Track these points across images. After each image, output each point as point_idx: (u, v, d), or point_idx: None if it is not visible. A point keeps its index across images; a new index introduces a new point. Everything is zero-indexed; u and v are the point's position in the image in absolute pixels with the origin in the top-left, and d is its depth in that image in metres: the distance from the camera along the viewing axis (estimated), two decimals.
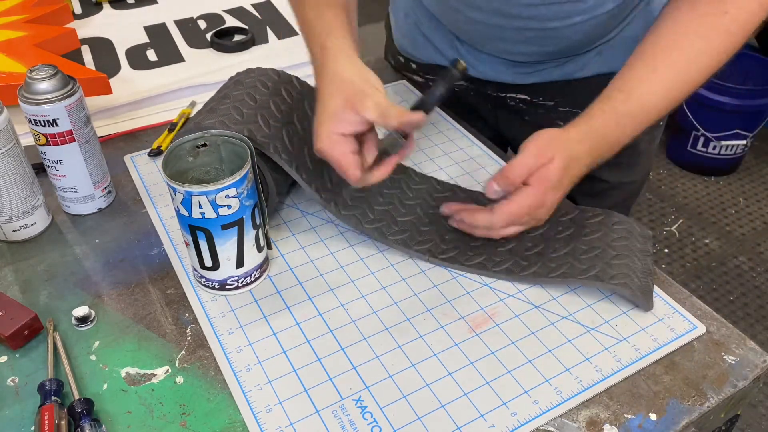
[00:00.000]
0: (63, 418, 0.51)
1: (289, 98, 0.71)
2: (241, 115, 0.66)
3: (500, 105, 0.93)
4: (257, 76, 0.72)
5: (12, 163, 0.66)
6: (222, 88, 0.73)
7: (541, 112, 0.91)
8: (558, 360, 0.58)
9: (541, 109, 0.91)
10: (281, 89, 0.71)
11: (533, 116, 0.92)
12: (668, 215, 2.12)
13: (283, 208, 0.74)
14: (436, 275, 0.66)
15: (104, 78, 0.89)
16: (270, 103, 0.69)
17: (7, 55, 0.92)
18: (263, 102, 0.69)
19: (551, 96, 0.89)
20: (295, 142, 0.68)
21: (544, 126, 0.81)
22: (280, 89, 0.71)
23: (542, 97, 0.90)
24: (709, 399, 0.56)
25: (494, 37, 0.82)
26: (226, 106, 0.68)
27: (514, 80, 0.89)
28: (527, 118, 0.93)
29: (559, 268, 0.64)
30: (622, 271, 0.63)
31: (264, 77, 0.72)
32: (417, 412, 0.54)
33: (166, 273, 0.67)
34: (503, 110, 0.94)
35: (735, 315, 1.79)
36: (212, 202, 0.57)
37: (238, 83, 0.72)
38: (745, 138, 2.14)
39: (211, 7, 1.18)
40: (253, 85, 0.71)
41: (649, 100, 0.67)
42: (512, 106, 0.92)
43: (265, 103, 0.69)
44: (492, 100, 0.93)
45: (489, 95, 0.93)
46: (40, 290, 0.65)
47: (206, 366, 0.58)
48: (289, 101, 0.71)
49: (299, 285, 0.65)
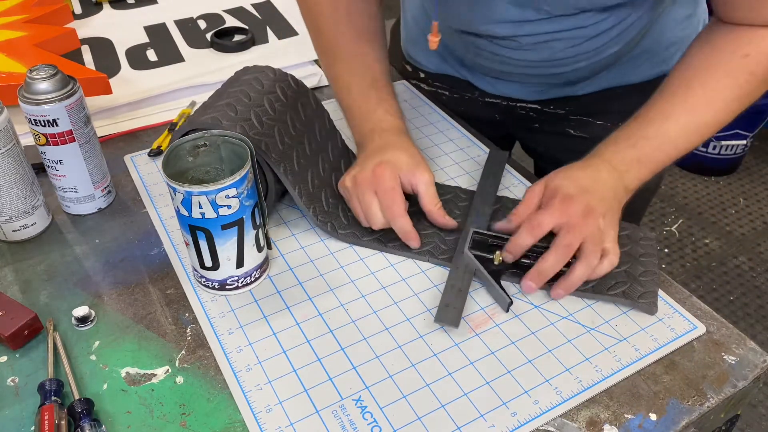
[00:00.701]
0: (63, 418, 0.51)
1: (283, 97, 0.71)
2: (235, 112, 0.66)
3: (510, 114, 0.93)
4: (254, 73, 0.72)
5: (12, 163, 0.66)
6: (222, 87, 0.73)
7: (552, 120, 0.91)
8: (558, 360, 0.58)
9: (552, 117, 0.91)
10: (275, 87, 0.71)
11: (543, 123, 0.92)
12: (668, 215, 2.12)
13: (283, 208, 0.74)
14: (436, 275, 0.66)
15: (104, 78, 0.89)
16: (264, 101, 0.69)
17: (7, 55, 0.92)
18: (257, 100, 0.69)
19: (562, 105, 0.89)
20: (286, 141, 0.68)
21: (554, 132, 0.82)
22: (274, 88, 0.71)
23: (552, 106, 0.89)
24: (709, 399, 0.56)
25: (504, 72, 0.84)
26: (221, 104, 0.68)
27: (526, 96, 0.89)
28: (537, 125, 0.93)
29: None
30: (621, 279, 0.64)
31: (260, 75, 0.72)
32: (417, 412, 0.54)
33: (166, 273, 0.67)
34: (513, 118, 0.93)
35: (735, 315, 1.79)
36: (212, 202, 0.57)
37: (235, 81, 0.72)
38: (745, 138, 2.14)
39: (211, 7, 1.18)
40: (248, 82, 0.71)
41: (671, 134, 0.66)
42: (523, 114, 0.92)
43: (259, 101, 0.69)
44: (501, 109, 0.93)
45: (498, 105, 0.92)
46: (40, 290, 0.65)
47: (206, 366, 0.58)
48: (284, 99, 0.71)
49: (299, 285, 0.65)
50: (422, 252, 0.67)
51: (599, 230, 0.62)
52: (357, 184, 0.67)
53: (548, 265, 0.61)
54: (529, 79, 0.85)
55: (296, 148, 0.69)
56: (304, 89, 0.74)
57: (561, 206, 0.62)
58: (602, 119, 0.88)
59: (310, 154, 0.71)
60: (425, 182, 0.67)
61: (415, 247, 0.67)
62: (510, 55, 0.79)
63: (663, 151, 0.66)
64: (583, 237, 0.61)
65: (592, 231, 0.61)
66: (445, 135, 0.86)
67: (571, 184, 0.64)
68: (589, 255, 0.61)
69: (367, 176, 0.66)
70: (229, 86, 0.71)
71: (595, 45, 0.76)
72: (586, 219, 0.61)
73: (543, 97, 0.88)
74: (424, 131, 0.86)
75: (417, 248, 0.67)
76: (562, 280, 0.62)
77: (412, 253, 0.67)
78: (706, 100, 0.66)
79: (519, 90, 0.88)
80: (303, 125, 0.71)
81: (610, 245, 0.63)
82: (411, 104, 0.92)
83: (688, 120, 0.66)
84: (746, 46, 0.65)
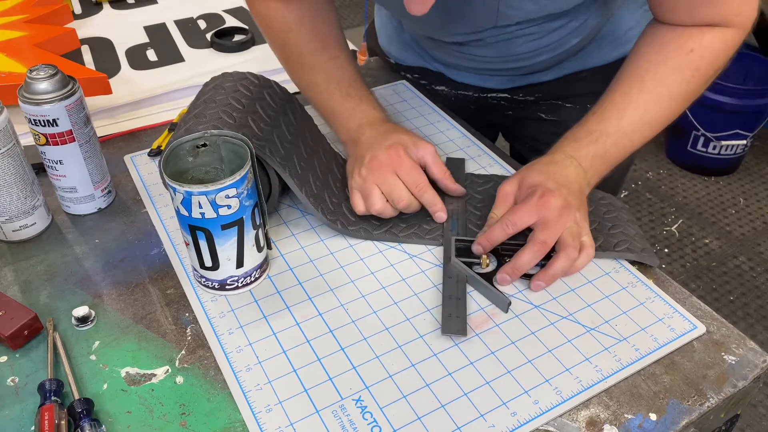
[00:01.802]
0: (63, 418, 0.51)
1: (273, 102, 0.71)
2: (233, 120, 0.66)
3: (482, 104, 0.95)
4: (237, 80, 0.72)
5: (12, 163, 0.66)
6: (201, 94, 0.72)
7: (522, 106, 0.94)
8: (558, 360, 0.58)
9: (523, 104, 0.94)
10: (264, 94, 0.71)
11: (516, 110, 0.95)
12: (668, 215, 2.12)
13: (284, 208, 0.74)
14: (435, 275, 0.66)
15: (104, 78, 0.89)
16: (257, 107, 0.69)
17: (7, 55, 0.92)
18: (250, 106, 0.69)
19: (531, 93, 0.92)
20: (285, 146, 0.68)
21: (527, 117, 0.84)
22: (263, 94, 0.71)
23: (521, 93, 0.92)
24: (709, 399, 0.56)
25: (469, 68, 0.89)
26: (214, 111, 0.67)
27: (496, 86, 0.92)
28: (510, 113, 0.96)
29: None
30: (621, 239, 0.67)
31: (245, 81, 0.72)
32: (417, 412, 0.54)
33: (166, 273, 0.67)
34: (485, 107, 0.96)
35: (735, 315, 1.79)
36: (212, 202, 0.57)
37: (219, 88, 0.71)
38: (745, 138, 2.14)
39: (211, 7, 1.18)
40: (235, 89, 0.70)
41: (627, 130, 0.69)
42: (495, 104, 0.95)
43: (252, 107, 0.69)
44: (473, 101, 0.95)
45: (470, 97, 0.95)
46: (40, 290, 0.65)
47: (206, 366, 0.58)
48: (274, 105, 0.71)
49: (299, 285, 0.65)
50: (435, 238, 0.69)
51: (576, 224, 0.64)
52: (373, 170, 0.68)
53: (524, 261, 0.63)
54: (496, 72, 0.89)
55: (294, 152, 0.69)
56: (288, 95, 0.75)
57: (539, 202, 0.63)
58: (571, 102, 0.92)
59: (307, 157, 0.71)
60: (431, 153, 0.70)
61: (443, 220, 0.69)
62: (475, 53, 0.83)
63: (621, 146, 0.69)
64: (560, 232, 0.63)
65: (570, 225, 0.63)
66: (446, 135, 0.86)
67: (548, 179, 0.65)
68: (568, 248, 0.63)
69: (382, 160, 0.68)
70: (215, 93, 0.70)
71: (556, 38, 0.80)
72: (563, 214, 0.63)
73: (511, 86, 0.91)
74: (424, 131, 0.86)
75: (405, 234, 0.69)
76: (542, 273, 0.63)
77: (425, 240, 0.69)
78: (657, 96, 0.68)
79: (488, 81, 0.92)
80: (296, 129, 0.72)
81: (586, 239, 0.65)
82: (411, 104, 0.92)
83: (642, 116, 0.69)
84: (690, 41, 0.68)
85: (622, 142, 0.69)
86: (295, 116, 0.73)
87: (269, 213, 0.71)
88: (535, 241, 0.62)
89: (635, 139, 0.69)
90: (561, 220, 0.63)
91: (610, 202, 0.73)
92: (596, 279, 0.65)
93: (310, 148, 0.73)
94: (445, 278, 0.64)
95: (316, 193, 0.70)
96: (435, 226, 0.70)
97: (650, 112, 0.69)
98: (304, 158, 0.70)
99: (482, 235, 0.65)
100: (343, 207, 0.72)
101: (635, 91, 0.69)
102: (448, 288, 0.63)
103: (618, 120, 0.68)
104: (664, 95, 0.68)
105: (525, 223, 0.64)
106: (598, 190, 0.74)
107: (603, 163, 0.69)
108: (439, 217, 0.69)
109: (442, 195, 0.72)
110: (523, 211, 0.64)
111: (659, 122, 0.70)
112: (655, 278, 0.66)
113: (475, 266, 0.65)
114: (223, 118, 0.66)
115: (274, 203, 0.70)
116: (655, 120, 0.69)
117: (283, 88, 0.75)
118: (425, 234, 0.69)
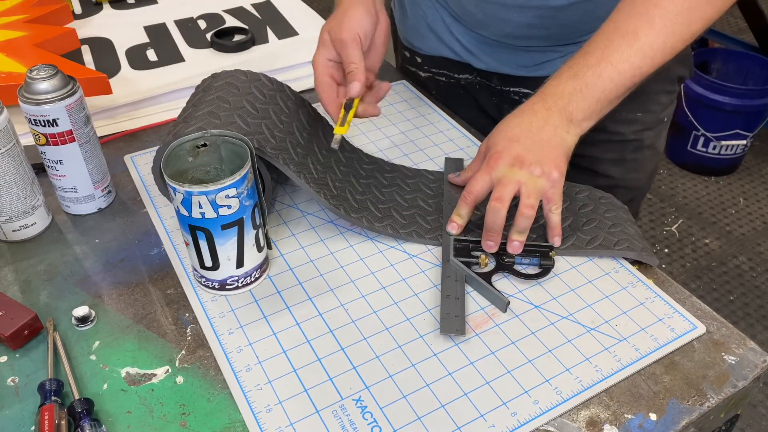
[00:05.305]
0: (63, 418, 0.51)
1: (261, 95, 0.71)
2: (219, 119, 0.65)
3: (505, 99, 0.94)
4: (225, 78, 0.71)
5: (12, 163, 0.66)
6: (193, 96, 0.72)
7: None
8: (558, 360, 0.58)
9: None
10: (251, 88, 0.71)
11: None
12: (668, 215, 2.12)
13: (283, 208, 0.74)
14: (436, 275, 0.66)
15: (104, 78, 0.89)
16: (244, 102, 0.68)
17: (7, 55, 0.92)
18: (237, 103, 0.68)
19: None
20: (277, 135, 0.67)
21: None
22: (250, 88, 0.71)
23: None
24: (709, 399, 0.56)
25: (497, 18, 0.83)
26: (202, 113, 0.66)
27: (518, 73, 0.89)
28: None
29: (568, 240, 0.68)
30: (622, 237, 0.68)
31: (232, 79, 0.71)
32: (417, 412, 0.54)
33: (166, 273, 0.67)
34: (508, 104, 0.94)
35: (735, 315, 1.79)
36: (212, 202, 0.57)
37: (208, 89, 0.70)
38: (745, 138, 2.14)
39: (211, 7, 1.18)
40: (222, 88, 0.69)
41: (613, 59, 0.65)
42: (516, 100, 0.93)
43: (238, 103, 0.68)
44: (497, 93, 0.94)
45: (494, 88, 0.93)
46: (40, 290, 0.65)
47: (206, 366, 0.58)
48: (262, 98, 0.71)
49: (299, 285, 0.65)
50: (435, 238, 0.69)
51: (531, 177, 0.63)
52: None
53: (489, 222, 0.64)
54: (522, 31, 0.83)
55: (288, 139, 0.68)
56: (279, 85, 0.74)
57: (487, 166, 0.64)
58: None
59: (305, 143, 0.70)
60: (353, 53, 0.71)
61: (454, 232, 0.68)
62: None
63: (605, 77, 0.65)
64: (514, 187, 0.63)
65: (524, 180, 0.63)
66: (446, 135, 0.86)
67: (500, 138, 0.65)
68: (522, 206, 0.63)
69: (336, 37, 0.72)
70: (204, 95, 0.70)
71: None
72: (514, 170, 0.63)
73: (536, 74, 0.88)
74: (424, 131, 0.86)
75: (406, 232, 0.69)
76: (510, 231, 0.64)
77: (425, 239, 0.69)
78: (648, 19, 0.64)
79: (512, 63, 0.88)
80: (289, 117, 0.71)
81: (551, 191, 0.64)
82: (411, 104, 0.92)
83: (630, 42, 0.64)
84: None
85: (607, 72, 0.64)
86: (287, 103, 0.73)
87: (267, 210, 0.71)
88: (490, 201, 0.64)
89: (624, 70, 0.64)
90: (512, 177, 0.63)
91: (610, 202, 0.73)
92: (596, 279, 0.65)
93: (308, 132, 0.72)
94: (443, 278, 0.64)
95: (317, 178, 0.69)
96: (435, 225, 0.70)
97: (640, 39, 0.64)
98: (301, 144, 0.70)
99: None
100: (347, 192, 0.71)
101: (623, 16, 0.65)
102: (447, 287, 0.63)
103: (603, 50, 0.64)
104: (655, 17, 0.63)
105: (480, 190, 0.65)
106: (597, 189, 0.74)
107: (585, 98, 0.65)
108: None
109: (443, 198, 0.71)
110: (476, 179, 0.65)
111: (653, 49, 0.64)
112: (655, 278, 0.66)
113: (473, 266, 0.65)
114: (209, 119, 0.65)
115: (270, 199, 0.70)
116: (647, 46, 0.64)
117: (273, 79, 0.74)
118: (426, 233, 0.69)
